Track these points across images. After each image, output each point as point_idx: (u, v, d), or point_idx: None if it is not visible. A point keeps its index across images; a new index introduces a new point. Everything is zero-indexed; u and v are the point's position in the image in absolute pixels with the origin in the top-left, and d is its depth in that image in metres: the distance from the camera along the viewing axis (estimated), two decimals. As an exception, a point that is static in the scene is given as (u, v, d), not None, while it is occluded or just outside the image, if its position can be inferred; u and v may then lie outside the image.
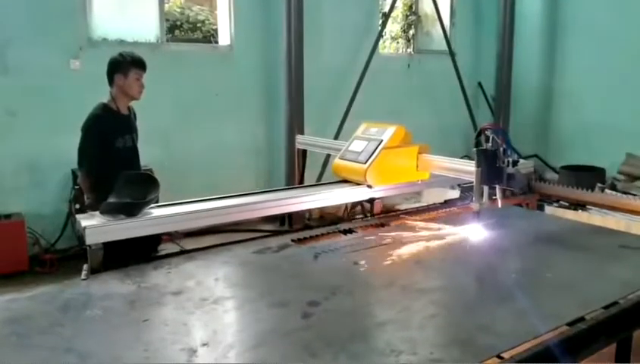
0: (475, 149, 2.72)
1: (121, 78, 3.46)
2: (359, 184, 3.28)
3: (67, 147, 5.39)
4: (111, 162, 3.37)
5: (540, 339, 1.73)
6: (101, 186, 3.26)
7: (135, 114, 3.72)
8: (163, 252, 3.16)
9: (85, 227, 2.38)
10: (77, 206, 5.14)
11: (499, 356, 1.63)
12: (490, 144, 2.69)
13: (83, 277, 2.30)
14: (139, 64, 3.49)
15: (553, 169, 8.27)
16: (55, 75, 5.47)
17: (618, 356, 2.10)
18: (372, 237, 2.78)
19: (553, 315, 1.90)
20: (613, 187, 6.97)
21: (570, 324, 1.83)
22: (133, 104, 3.66)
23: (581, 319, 1.87)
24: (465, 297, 2.13)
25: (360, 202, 3.70)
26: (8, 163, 5.37)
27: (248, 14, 6.71)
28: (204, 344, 1.69)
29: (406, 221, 3.12)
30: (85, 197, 3.63)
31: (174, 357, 1.63)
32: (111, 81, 3.49)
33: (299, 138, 5.25)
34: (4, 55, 5.25)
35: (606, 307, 1.96)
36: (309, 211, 5.95)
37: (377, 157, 3.22)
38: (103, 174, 3.31)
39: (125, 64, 3.46)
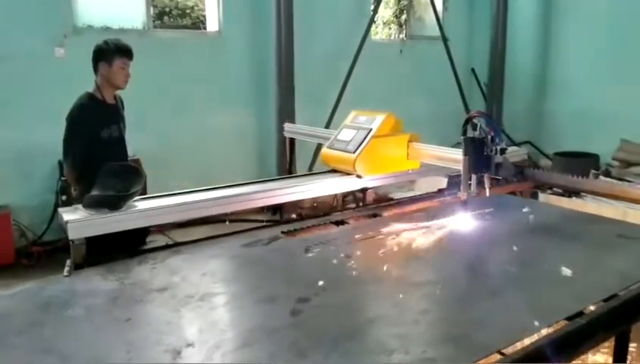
0: (462, 137, 2.65)
1: (106, 66, 3.35)
2: (348, 174, 3.20)
3: (53, 137, 5.27)
4: (96, 153, 3.28)
5: (538, 335, 1.67)
6: (88, 177, 3.18)
7: (122, 103, 3.63)
8: (151, 245, 3.11)
9: (67, 222, 2.30)
10: (64, 198, 5.05)
11: (500, 353, 1.57)
12: (478, 132, 2.62)
13: (65, 273, 2.22)
14: (125, 52, 3.38)
15: (547, 156, 8.22)
16: (40, 63, 5.36)
17: (616, 350, 2.05)
18: (365, 229, 2.72)
19: (551, 309, 1.85)
20: (608, 174, 6.94)
21: (569, 318, 1.78)
22: (120, 93, 3.57)
23: (581, 313, 1.81)
24: (459, 291, 2.06)
25: (353, 192, 3.62)
26: (-7, 154, 5.26)
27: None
28: (189, 345, 1.62)
29: (399, 212, 3.06)
30: (72, 189, 3.54)
31: (157, 358, 1.56)
32: (96, 69, 3.40)
33: (287, 126, 5.14)
34: (-14, 44, 5.12)
35: (605, 300, 1.91)
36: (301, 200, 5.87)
37: (366, 146, 3.15)
38: (89, 165, 3.22)
39: (110, 52, 3.35)
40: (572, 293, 1.99)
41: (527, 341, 1.64)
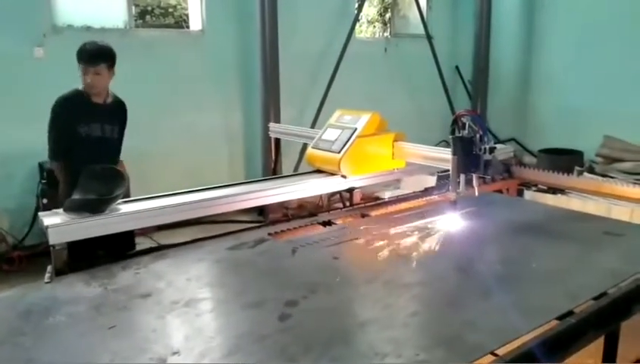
0: (451, 136, 2.64)
1: (80, 69, 3.34)
2: (333, 174, 3.18)
3: (32, 139, 5.17)
4: (75, 148, 3.36)
5: (530, 335, 1.66)
6: (68, 172, 3.17)
7: (123, 108, 3.62)
8: (135, 248, 3.07)
9: (47, 227, 2.25)
10: (45, 201, 4.95)
11: (493, 353, 1.55)
12: (466, 131, 2.61)
13: (46, 279, 2.17)
14: (85, 59, 3.30)
15: (531, 153, 8.26)
16: (18, 64, 5.22)
17: (606, 349, 2.04)
18: (352, 229, 2.69)
19: (541, 309, 1.84)
20: (591, 170, 6.99)
21: (560, 318, 1.77)
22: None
23: (571, 313, 1.80)
24: (449, 292, 2.04)
25: (339, 192, 3.59)
26: (-30, 157, 5.13)
27: (220, -2, 6.53)
28: (174, 353, 1.58)
29: (386, 211, 3.03)
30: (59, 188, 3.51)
31: (143, 367, 1.52)
32: None
33: (271, 126, 5.11)
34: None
35: (595, 298, 1.90)
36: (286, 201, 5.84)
37: (351, 146, 3.12)
38: (69, 159, 3.34)
39: (78, 56, 3.33)
40: (561, 291, 1.98)
41: (519, 342, 1.62)
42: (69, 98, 3.38)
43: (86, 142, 3.38)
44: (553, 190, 5.08)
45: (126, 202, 2.61)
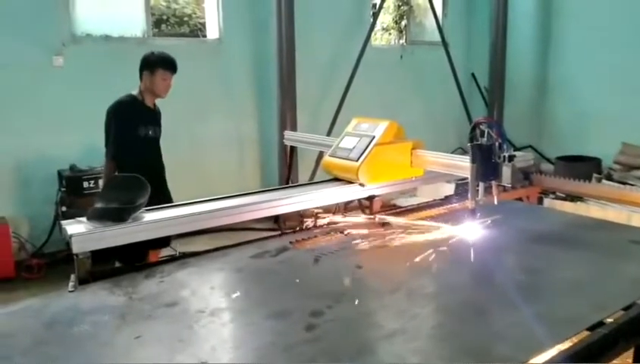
0: (469, 144, 2.61)
1: (149, 76, 3.65)
2: (350, 182, 3.16)
3: (52, 146, 5.29)
4: (134, 149, 3.60)
5: (560, 346, 1.63)
6: (127, 171, 3.29)
7: (160, 113, 3.90)
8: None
9: (71, 235, 2.25)
10: (64, 209, 4.98)
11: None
12: (485, 139, 2.58)
13: (70, 288, 2.16)
14: (167, 65, 3.67)
15: (549, 160, 8.20)
16: (38, 72, 5.28)
17: (635, 359, 2.00)
18: (374, 238, 2.67)
19: (570, 319, 1.81)
20: (609, 177, 6.91)
21: (590, 328, 1.73)
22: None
23: (601, 323, 1.77)
24: (474, 302, 2.01)
25: (359, 200, 3.57)
26: (-10, 165, 5.19)
27: (237, 7, 6.56)
28: (202, 363, 1.57)
29: (409, 220, 3.01)
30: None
31: (169, 378, 1.51)
32: (140, 77, 3.70)
33: (286, 134, 5.10)
34: (-16, 53, 5.06)
35: (625, 308, 1.86)
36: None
37: (369, 154, 3.10)
38: (127, 159, 3.56)
39: (153, 63, 3.64)
40: (590, 302, 1.95)
41: (549, 353, 1.59)
42: (128, 103, 3.65)
43: (144, 143, 3.69)
44: (572, 198, 5.03)
45: (147, 210, 2.62)
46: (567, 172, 4.18)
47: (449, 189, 4.60)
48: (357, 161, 3.10)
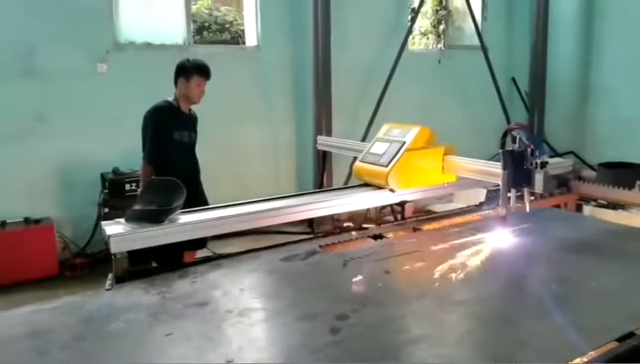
0: (500, 150, 2.58)
1: (184, 82, 3.75)
2: (381, 188, 3.17)
3: (95, 150, 5.47)
4: (170, 153, 3.72)
5: (587, 357, 1.61)
6: (163, 175, 3.41)
7: (196, 118, 4.01)
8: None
9: (110, 236, 2.34)
10: (106, 210, 5.15)
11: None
12: (517, 145, 2.56)
13: (107, 287, 2.25)
14: (202, 72, 3.78)
15: (590, 166, 7.99)
16: (82, 79, 5.47)
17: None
18: (403, 243, 2.68)
19: (599, 329, 1.78)
20: (654, 185, 6.68)
21: (619, 339, 1.71)
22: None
23: (632, 334, 1.73)
24: (502, 310, 2.00)
25: (390, 205, 3.58)
26: (37, 168, 5.39)
27: (274, 14, 6.65)
28: (229, 361, 1.61)
29: (438, 226, 3.00)
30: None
31: (196, 375, 1.56)
32: (175, 83, 3.80)
33: (319, 139, 5.14)
34: (32, 60, 5.28)
35: (657, 321, 1.82)
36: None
37: (399, 160, 3.10)
38: (163, 162, 3.68)
39: (188, 70, 3.75)
40: (621, 312, 1.91)
41: (577, 363, 1.58)
42: (165, 108, 3.76)
43: (179, 147, 3.79)
44: (614, 206, 4.89)
45: (183, 212, 2.70)
46: (609, 179, 4.07)
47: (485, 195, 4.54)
48: (387, 166, 3.10)
